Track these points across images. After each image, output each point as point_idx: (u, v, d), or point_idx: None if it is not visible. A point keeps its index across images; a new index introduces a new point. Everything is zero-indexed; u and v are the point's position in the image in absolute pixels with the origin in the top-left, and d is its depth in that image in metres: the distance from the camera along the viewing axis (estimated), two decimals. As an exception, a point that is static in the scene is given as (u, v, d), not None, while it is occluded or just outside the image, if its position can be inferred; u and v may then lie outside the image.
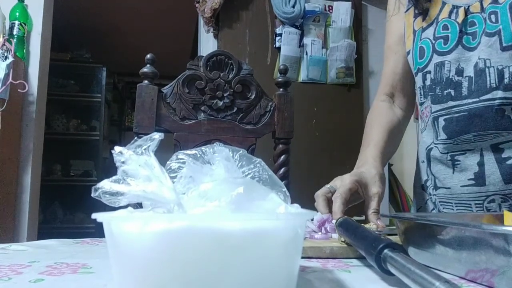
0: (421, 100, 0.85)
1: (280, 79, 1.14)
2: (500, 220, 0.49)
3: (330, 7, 2.35)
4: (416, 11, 0.86)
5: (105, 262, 0.47)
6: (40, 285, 0.38)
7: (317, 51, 2.28)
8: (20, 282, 0.39)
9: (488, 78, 0.72)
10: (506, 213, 0.46)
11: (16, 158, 1.88)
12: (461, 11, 0.77)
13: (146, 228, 0.28)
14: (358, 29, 2.41)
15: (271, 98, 1.13)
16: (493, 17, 0.72)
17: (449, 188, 0.80)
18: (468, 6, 0.76)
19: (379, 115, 0.92)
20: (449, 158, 0.79)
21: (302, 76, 2.28)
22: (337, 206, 0.67)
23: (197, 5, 2.27)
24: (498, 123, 0.70)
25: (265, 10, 2.29)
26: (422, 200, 0.89)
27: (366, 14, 2.52)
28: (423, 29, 0.83)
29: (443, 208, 0.82)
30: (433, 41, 0.80)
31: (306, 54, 2.27)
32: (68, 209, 3.72)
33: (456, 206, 0.79)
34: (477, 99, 0.73)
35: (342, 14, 2.33)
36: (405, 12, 0.90)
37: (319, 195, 0.74)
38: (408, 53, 0.88)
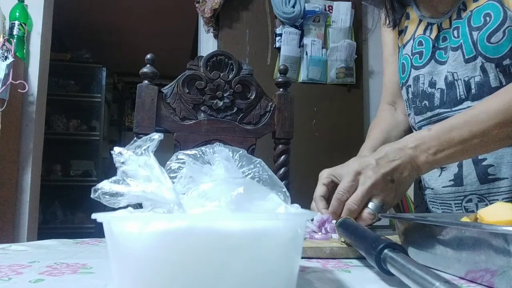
0: (408, 112, 0.90)
1: (280, 79, 1.14)
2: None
3: (330, 7, 2.35)
4: (399, 29, 0.92)
5: (105, 262, 0.47)
6: (40, 285, 0.38)
7: (317, 51, 2.28)
8: (20, 282, 0.39)
9: (457, 90, 0.76)
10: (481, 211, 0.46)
11: (16, 158, 1.88)
12: (435, 28, 0.82)
13: (146, 228, 0.28)
14: (358, 29, 2.41)
15: (271, 98, 1.13)
16: (455, 32, 0.77)
17: (433, 188, 0.84)
18: (441, 23, 0.81)
19: (380, 121, 0.96)
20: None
21: (302, 76, 2.28)
22: (320, 206, 0.69)
23: (197, 5, 2.27)
24: None
25: (265, 10, 2.29)
26: (420, 200, 0.93)
27: (366, 14, 2.52)
28: (404, 46, 0.89)
29: (432, 207, 0.86)
30: (411, 57, 0.85)
31: (306, 54, 2.27)
32: (68, 209, 3.72)
33: (440, 206, 0.83)
34: (449, 110, 0.77)
35: (342, 14, 2.33)
36: (393, 29, 0.96)
37: (317, 199, 0.73)
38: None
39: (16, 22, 1.87)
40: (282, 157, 1.10)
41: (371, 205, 0.63)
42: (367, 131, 0.96)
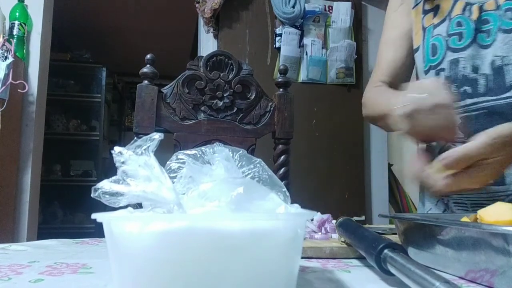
0: None
1: (280, 79, 1.14)
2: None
3: (330, 7, 2.35)
4: (426, 7, 0.84)
5: (105, 262, 0.47)
6: (40, 285, 0.38)
7: (317, 51, 2.28)
8: (20, 282, 0.39)
9: (506, 76, 0.71)
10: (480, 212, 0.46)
11: (16, 158, 1.88)
12: (475, 9, 0.75)
13: (146, 228, 0.28)
14: (358, 29, 2.41)
15: (271, 98, 1.13)
16: (509, 13, 0.71)
17: None
18: (483, 4, 0.75)
19: (382, 91, 0.88)
20: None
21: (302, 76, 2.28)
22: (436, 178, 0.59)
23: (197, 5, 2.27)
24: None
25: (265, 10, 2.29)
26: (432, 201, 0.86)
27: (366, 14, 2.52)
28: (435, 26, 0.81)
29: (457, 209, 0.79)
30: (447, 38, 0.78)
31: (306, 54, 2.27)
32: (68, 209, 3.72)
33: (471, 207, 0.76)
34: (496, 97, 0.71)
35: (342, 14, 2.33)
36: (413, 8, 0.88)
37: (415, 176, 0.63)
38: (416, 50, 0.86)
39: (16, 22, 1.87)
40: (282, 157, 1.10)
41: None
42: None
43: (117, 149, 0.33)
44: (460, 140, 0.61)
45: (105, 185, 0.31)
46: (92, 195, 0.31)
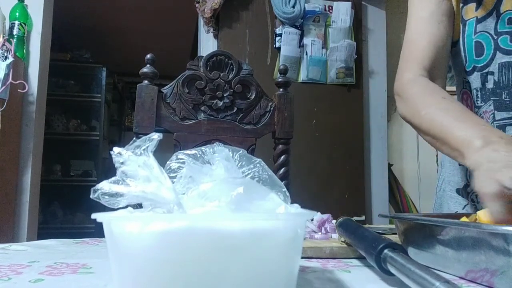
0: (477, 103, 0.73)
1: (280, 79, 1.14)
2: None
3: (330, 7, 2.35)
4: None
5: (105, 262, 0.47)
6: (40, 285, 0.38)
7: (317, 51, 2.28)
8: (20, 282, 0.39)
9: None
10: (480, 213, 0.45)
11: (16, 158, 1.88)
12: None
13: (146, 228, 0.28)
14: (358, 29, 2.41)
15: (271, 98, 1.13)
16: None
17: None
18: None
19: (441, 103, 0.67)
20: None
21: (302, 76, 2.28)
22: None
23: (197, 5, 2.27)
24: None
25: (265, 10, 2.29)
26: (458, 205, 0.79)
27: (366, 14, 2.52)
28: (478, 20, 0.70)
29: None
30: (495, 36, 0.68)
31: (306, 54, 2.27)
32: (68, 209, 3.72)
33: None
34: None
35: (342, 14, 2.33)
36: None
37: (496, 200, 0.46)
38: (455, 44, 0.75)
39: (16, 22, 1.87)
40: (282, 157, 1.10)
41: None
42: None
43: (116, 149, 0.33)
44: None
45: (105, 186, 0.31)
46: (91, 196, 0.31)
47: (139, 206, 0.34)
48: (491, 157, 0.48)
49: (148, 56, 1.01)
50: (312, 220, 0.65)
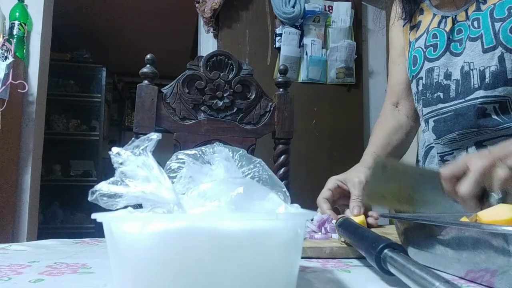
0: (416, 105, 0.91)
1: (280, 79, 1.14)
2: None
3: (330, 7, 2.35)
4: (411, 24, 0.93)
5: (105, 262, 0.47)
6: (40, 285, 0.38)
7: (317, 51, 2.28)
8: (20, 282, 0.39)
9: (472, 80, 0.76)
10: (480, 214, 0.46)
11: (16, 158, 1.88)
12: (449, 21, 0.82)
13: (146, 228, 0.28)
14: (358, 29, 2.41)
15: (271, 98, 1.13)
16: (475, 23, 0.78)
17: None
18: (455, 15, 0.82)
19: (382, 123, 0.99)
20: (439, 158, 0.83)
21: (302, 76, 2.28)
22: (323, 207, 0.76)
23: (197, 5, 2.27)
24: (480, 121, 0.74)
25: (265, 10, 2.29)
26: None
27: (366, 14, 2.52)
28: (416, 39, 0.89)
29: None
30: (424, 49, 0.86)
31: (306, 54, 2.27)
32: (68, 209, 3.72)
33: None
34: (463, 100, 0.77)
35: (342, 14, 2.33)
36: (403, 26, 0.96)
37: (320, 201, 0.79)
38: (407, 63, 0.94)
39: (16, 22, 1.87)
40: (282, 157, 1.10)
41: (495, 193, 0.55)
42: (371, 131, 0.99)
43: (115, 149, 0.32)
44: None
45: (103, 187, 0.31)
46: (89, 198, 0.30)
47: (139, 206, 0.34)
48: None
49: (148, 56, 1.01)
50: (312, 220, 0.65)
